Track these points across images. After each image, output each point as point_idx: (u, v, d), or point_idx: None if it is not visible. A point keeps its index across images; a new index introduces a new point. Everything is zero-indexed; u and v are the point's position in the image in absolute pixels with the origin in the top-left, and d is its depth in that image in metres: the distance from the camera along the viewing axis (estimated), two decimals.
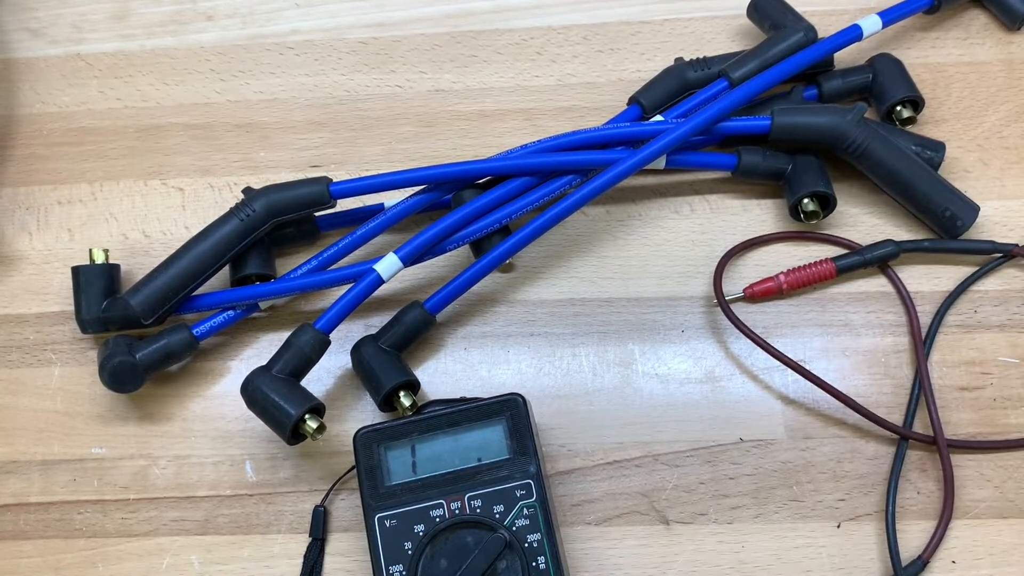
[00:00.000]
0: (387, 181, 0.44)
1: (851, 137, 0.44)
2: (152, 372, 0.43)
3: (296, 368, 0.41)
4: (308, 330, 0.41)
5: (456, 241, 0.44)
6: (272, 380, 0.40)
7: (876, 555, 0.41)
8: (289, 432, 0.40)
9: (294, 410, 0.39)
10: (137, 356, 0.42)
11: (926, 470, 0.42)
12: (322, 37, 0.52)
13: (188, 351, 0.43)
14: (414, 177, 0.44)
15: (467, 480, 0.38)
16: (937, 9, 0.50)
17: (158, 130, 0.51)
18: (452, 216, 0.44)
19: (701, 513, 0.42)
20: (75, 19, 0.54)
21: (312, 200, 0.43)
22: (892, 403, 0.44)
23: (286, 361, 0.41)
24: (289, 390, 0.40)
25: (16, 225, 0.49)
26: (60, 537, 0.43)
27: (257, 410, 0.41)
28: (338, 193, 0.43)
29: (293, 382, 0.41)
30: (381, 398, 0.42)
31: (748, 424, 0.43)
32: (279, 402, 0.40)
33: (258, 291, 0.44)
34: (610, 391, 0.44)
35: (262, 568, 0.42)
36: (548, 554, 0.37)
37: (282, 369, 0.41)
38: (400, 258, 0.43)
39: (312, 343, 0.41)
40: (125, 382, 0.42)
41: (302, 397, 0.40)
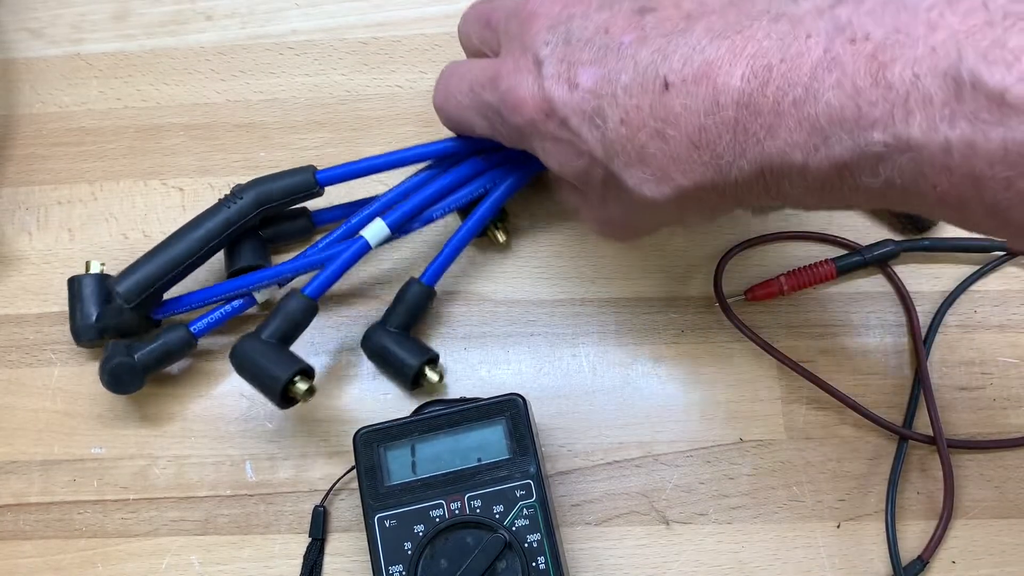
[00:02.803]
0: (372, 164, 0.44)
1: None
2: (152, 372, 0.43)
3: (285, 333, 0.41)
4: (296, 295, 0.41)
5: (443, 208, 0.44)
6: (261, 344, 0.41)
7: (876, 555, 0.41)
8: (279, 395, 0.40)
9: (283, 373, 0.40)
10: (136, 357, 0.42)
11: (926, 470, 0.42)
12: (322, 37, 0.52)
13: (186, 349, 0.43)
14: (400, 158, 0.44)
15: (467, 480, 0.38)
16: None
17: (158, 130, 0.51)
18: (438, 182, 0.44)
19: (701, 513, 0.42)
20: (75, 19, 0.54)
21: (299, 188, 0.43)
22: (892, 403, 0.44)
23: (275, 327, 0.41)
24: (278, 354, 0.41)
25: (16, 225, 0.49)
26: (60, 537, 0.43)
27: (246, 375, 0.41)
28: (325, 180, 0.43)
29: (282, 347, 0.41)
30: (410, 381, 0.43)
31: (748, 424, 0.43)
32: (268, 366, 0.40)
33: (249, 279, 0.44)
34: (610, 391, 0.44)
35: (262, 568, 0.42)
36: (548, 554, 0.37)
37: (271, 335, 0.41)
38: (388, 224, 0.43)
39: (301, 308, 0.41)
40: (125, 382, 0.42)
41: (291, 360, 0.40)
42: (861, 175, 0.30)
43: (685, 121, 0.32)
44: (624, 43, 0.34)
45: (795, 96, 0.30)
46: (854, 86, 0.28)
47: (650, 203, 0.35)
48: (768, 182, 0.32)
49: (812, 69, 0.29)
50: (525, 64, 0.36)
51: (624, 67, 0.34)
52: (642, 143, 0.33)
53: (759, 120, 0.31)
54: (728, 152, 0.32)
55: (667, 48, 0.33)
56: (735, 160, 0.32)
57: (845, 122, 0.29)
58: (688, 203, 0.35)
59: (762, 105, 0.30)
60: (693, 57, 0.32)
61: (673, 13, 0.34)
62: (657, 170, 0.34)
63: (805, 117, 0.30)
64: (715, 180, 0.33)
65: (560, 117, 0.35)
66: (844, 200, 0.32)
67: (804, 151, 0.30)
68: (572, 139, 0.35)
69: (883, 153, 0.28)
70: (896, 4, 0.29)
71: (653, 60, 0.33)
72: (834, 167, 0.30)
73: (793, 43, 0.30)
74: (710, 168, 0.33)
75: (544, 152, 0.37)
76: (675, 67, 0.32)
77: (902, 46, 0.28)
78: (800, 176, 0.31)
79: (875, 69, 0.28)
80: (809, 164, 0.30)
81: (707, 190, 0.33)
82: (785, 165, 0.31)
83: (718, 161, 0.32)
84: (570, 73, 0.35)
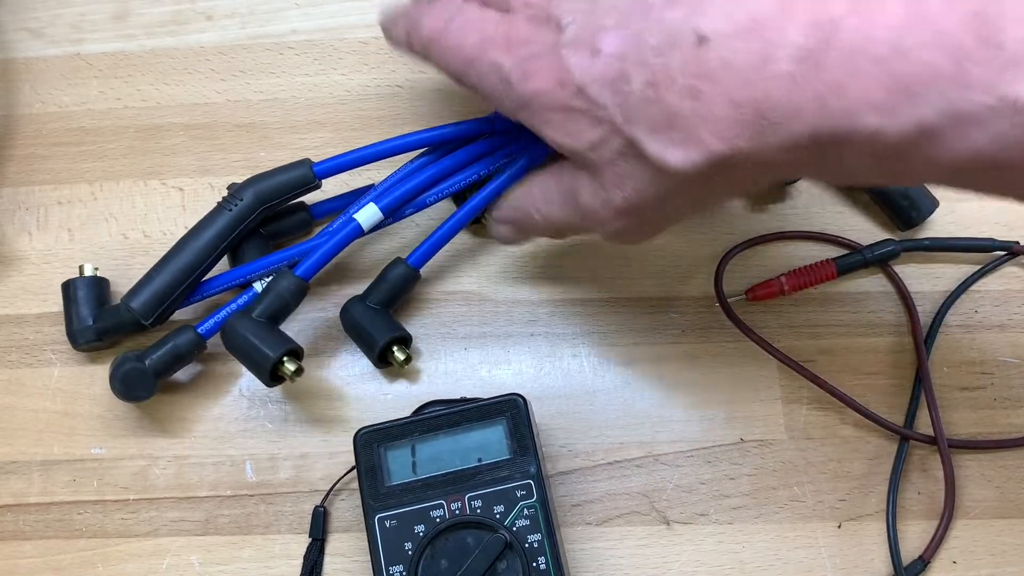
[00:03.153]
0: (369, 153, 0.44)
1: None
2: (163, 376, 0.43)
3: (275, 312, 0.41)
4: (287, 275, 0.42)
5: (436, 193, 0.44)
6: (252, 323, 0.41)
7: (877, 555, 0.41)
8: (268, 374, 0.40)
9: (272, 352, 0.40)
10: (146, 363, 0.42)
11: (927, 470, 0.42)
12: (322, 37, 0.52)
13: (196, 351, 0.43)
14: (396, 146, 0.44)
15: (467, 480, 0.38)
16: None
17: (158, 130, 0.51)
18: (433, 168, 0.44)
19: (702, 513, 0.42)
20: (75, 19, 0.53)
21: (297, 182, 0.43)
22: (893, 403, 0.44)
23: (266, 306, 0.41)
24: (268, 333, 0.41)
25: (16, 225, 0.49)
26: (60, 537, 0.43)
27: (237, 352, 0.41)
28: (322, 172, 0.44)
29: (272, 325, 0.41)
30: (376, 354, 0.43)
31: (749, 424, 0.43)
32: (258, 344, 0.40)
33: (248, 269, 0.44)
34: (610, 391, 0.44)
35: (262, 568, 0.42)
36: (548, 554, 0.37)
37: (262, 313, 0.41)
38: (380, 208, 0.43)
39: (291, 289, 0.42)
40: (137, 388, 0.42)
41: (281, 339, 0.41)
42: (947, 140, 0.27)
43: (724, 77, 0.30)
44: (653, 4, 0.32)
45: (875, 53, 0.27)
46: (955, 44, 0.26)
47: (673, 174, 0.32)
48: (823, 149, 0.30)
49: (897, 24, 0.27)
50: (544, 31, 0.35)
51: (651, 27, 0.31)
52: (670, 103, 0.31)
53: (822, 76, 0.28)
54: (777, 112, 0.29)
55: (702, 5, 0.31)
56: (785, 122, 0.29)
57: (939, 81, 0.27)
58: (717, 174, 0.32)
59: (826, 60, 0.28)
60: (733, 12, 0.30)
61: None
62: (686, 133, 0.31)
63: (887, 75, 0.27)
64: (755, 145, 0.30)
65: (577, 85, 0.33)
66: (911, 172, 0.30)
67: (881, 112, 0.28)
68: (588, 107, 0.33)
69: (982, 116, 0.26)
70: None
71: (686, 17, 0.31)
72: (916, 131, 0.28)
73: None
74: (750, 129, 0.30)
75: (549, 124, 0.35)
76: (712, 21, 0.30)
77: (1006, 3, 0.26)
78: (868, 142, 0.29)
79: (980, 29, 0.26)
80: (885, 127, 0.28)
81: (742, 157, 0.31)
82: (852, 128, 0.28)
83: (762, 122, 0.30)
84: (592, 39, 0.33)
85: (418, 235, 0.47)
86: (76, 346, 0.45)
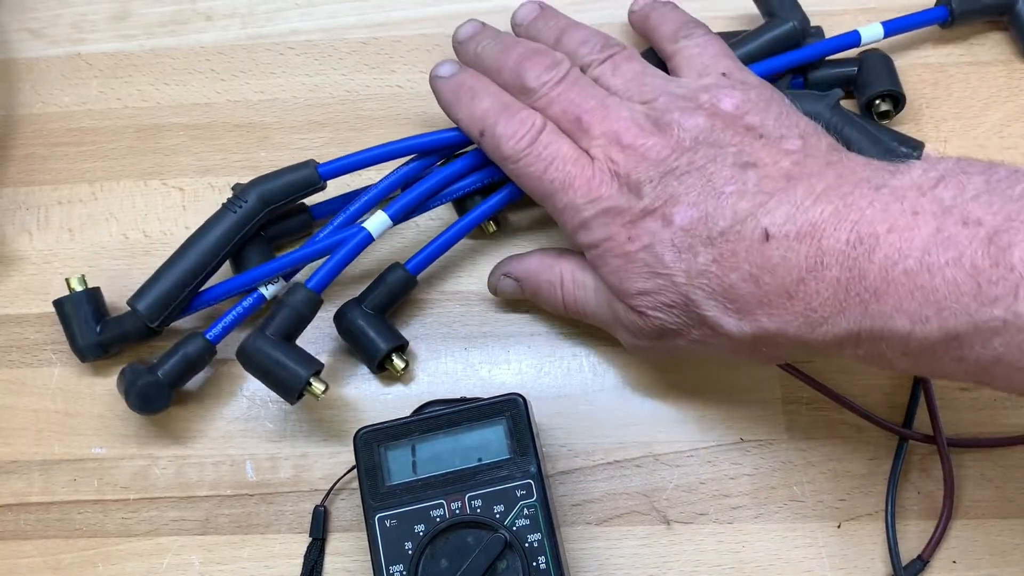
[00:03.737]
0: (374, 155, 0.44)
1: (825, 121, 0.44)
2: (177, 386, 0.43)
3: (290, 329, 0.41)
4: (300, 289, 0.41)
5: (443, 198, 0.45)
6: (272, 343, 0.41)
7: (876, 555, 0.41)
8: (296, 395, 0.41)
9: (305, 372, 0.40)
10: (159, 374, 0.42)
11: (926, 470, 0.42)
12: (322, 37, 0.52)
13: (207, 358, 0.43)
14: (400, 148, 0.44)
15: (467, 480, 0.38)
16: (951, 25, 0.49)
17: (158, 130, 0.51)
18: (440, 173, 0.44)
19: (702, 513, 0.42)
20: (75, 19, 0.54)
21: (302, 184, 0.43)
22: (892, 403, 0.44)
23: (280, 322, 0.41)
24: (291, 352, 0.41)
25: (16, 225, 0.49)
26: (60, 537, 0.43)
27: (259, 374, 0.41)
28: (327, 173, 0.44)
29: (292, 344, 0.41)
30: (376, 364, 0.43)
31: (749, 424, 0.43)
32: (285, 364, 0.40)
33: (255, 274, 0.43)
34: (610, 391, 0.44)
35: (262, 568, 0.42)
36: (549, 554, 0.37)
37: (276, 331, 0.41)
38: (390, 216, 0.43)
39: (305, 302, 0.41)
40: (153, 401, 0.42)
41: (306, 359, 0.41)
42: (971, 346, 0.31)
43: (783, 272, 0.34)
44: (726, 192, 0.36)
45: (907, 267, 0.31)
46: (973, 265, 0.30)
47: (723, 334, 0.36)
48: (861, 341, 0.33)
49: (925, 244, 0.31)
50: (627, 192, 0.38)
51: (723, 214, 0.36)
52: (732, 282, 0.35)
53: (864, 283, 0.32)
54: (824, 308, 0.34)
55: (768, 203, 0.35)
56: (830, 316, 0.33)
57: (963, 297, 0.30)
58: (762, 344, 0.36)
59: (868, 270, 0.32)
60: (796, 216, 0.34)
61: (774, 171, 0.36)
62: (743, 307, 0.35)
63: (918, 287, 0.31)
64: (801, 331, 0.34)
65: (644, 244, 0.37)
66: (941, 368, 0.33)
67: (913, 319, 0.32)
68: (651, 262, 0.37)
69: (999, 328, 0.30)
70: (998, 193, 0.31)
71: (753, 212, 0.35)
72: (944, 336, 0.31)
73: (900, 217, 0.32)
74: (800, 319, 0.34)
75: (608, 265, 0.39)
76: (777, 221, 0.35)
77: (1016, 232, 0.30)
78: (902, 342, 0.32)
79: (994, 252, 0.30)
80: (915, 332, 0.32)
81: (789, 337, 0.35)
82: (887, 329, 0.32)
83: (811, 314, 0.34)
84: (667, 209, 0.37)
85: (418, 235, 0.47)
86: (84, 360, 0.45)
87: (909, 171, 0.34)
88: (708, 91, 0.40)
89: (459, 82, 0.43)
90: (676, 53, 0.44)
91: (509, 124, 0.41)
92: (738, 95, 0.40)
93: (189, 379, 0.43)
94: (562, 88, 0.41)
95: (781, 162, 0.37)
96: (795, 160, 0.37)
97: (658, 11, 0.46)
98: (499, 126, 0.41)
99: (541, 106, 0.41)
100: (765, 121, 0.39)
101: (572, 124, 0.40)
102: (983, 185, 0.32)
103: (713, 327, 0.37)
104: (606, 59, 0.43)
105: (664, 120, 0.39)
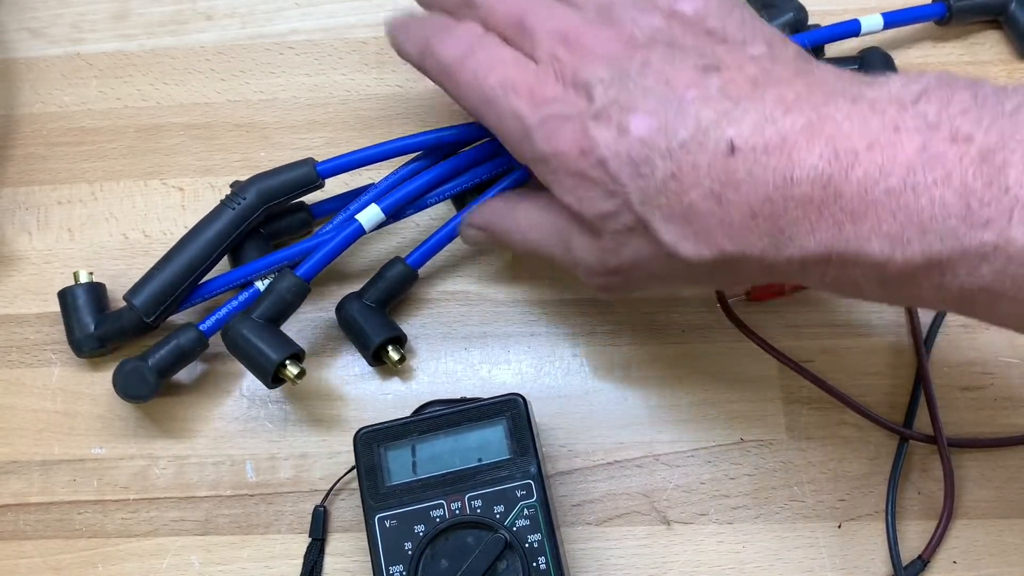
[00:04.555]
0: (373, 154, 0.44)
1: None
2: (166, 377, 0.43)
3: (276, 314, 0.42)
4: (288, 276, 0.42)
5: (438, 195, 0.44)
6: (253, 325, 0.41)
7: (877, 555, 0.41)
8: (270, 377, 0.41)
9: (275, 355, 0.40)
10: (149, 362, 0.42)
11: (926, 470, 0.42)
12: (322, 37, 0.52)
13: (199, 350, 0.43)
14: (399, 147, 0.44)
15: (467, 480, 0.38)
16: (948, 22, 0.49)
17: (158, 130, 0.51)
18: (435, 170, 0.44)
19: (702, 513, 0.42)
20: (75, 19, 0.54)
21: (301, 181, 0.43)
22: (893, 403, 0.44)
23: (267, 306, 0.41)
24: (271, 335, 0.41)
25: (16, 225, 0.49)
26: (60, 537, 0.43)
27: (238, 354, 0.41)
28: (325, 172, 0.44)
29: (274, 328, 0.42)
30: (371, 353, 0.44)
31: (749, 424, 0.43)
32: (260, 347, 0.40)
33: (250, 268, 0.44)
34: (610, 391, 0.44)
35: (262, 568, 0.42)
36: (548, 554, 0.37)
37: (262, 314, 0.41)
38: (382, 209, 0.43)
39: (293, 289, 0.42)
40: (139, 387, 0.42)
41: (284, 343, 0.41)
42: (955, 273, 0.29)
43: (748, 188, 0.31)
44: (687, 98, 0.33)
45: (888, 186, 0.29)
46: (964, 185, 0.28)
47: (681, 260, 0.34)
48: (830, 265, 0.31)
49: (908, 162, 0.29)
50: (572, 94, 0.35)
51: (684, 122, 0.33)
52: (691, 201, 0.32)
53: (840, 203, 0.30)
54: (793, 228, 0.31)
55: (734, 111, 0.32)
56: (798, 238, 0.31)
57: (950, 219, 0.28)
58: (722, 268, 0.34)
59: (844, 189, 0.30)
60: (765, 127, 0.31)
61: (738, 76, 0.33)
62: (702, 229, 0.33)
63: (900, 208, 0.29)
64: (766, 253, 0.32)
65: (599, 157, 0.34)
66: (918, 296, 0.31)
67: (894, 243, 0.29)
68: (606, 181, 0.34)
69: (989, 254, 0.28)
70: (988, 109, 0.29)
71: (717, 121, 0.32)
72: (927, 262, 0.29)
73: (881, 132, 0.30)
74: (765, 239, 0.32)
75: (562, 185, 0.36)
76: (744, 132, 0.32)
77: (1011, 151, 0.28)
78: (878, 267, 0.30)
79: (987, 171, 0.28)
80: (895, 256, 0.30)
81: (752, 260, 0.33)
82: (863, 253, 0.30)
83: (778, 235, 0.31)
84: (621, 116, 0.34)
85: (418, 234, 0.47)
86: (80, 355, 0.45)
87: (888, 83, 0.31)
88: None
89: (405, 19, 0.42)
90: None
91: (447, 36, 0.39)
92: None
93: (179, 369, 0.43)
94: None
95: (746, 67, 0.34)
96: (762, 66, 0.34)
97: None
98: (435, 39, 0.39)
99: (483, 16, 0.39)
100: (727, 26, 0.36)
101: (515, 29, 0.38)
102: (970, 100, 0.30)
103: (670, 252, 0.34)
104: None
105: (615, 15, 0.36)
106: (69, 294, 0.44)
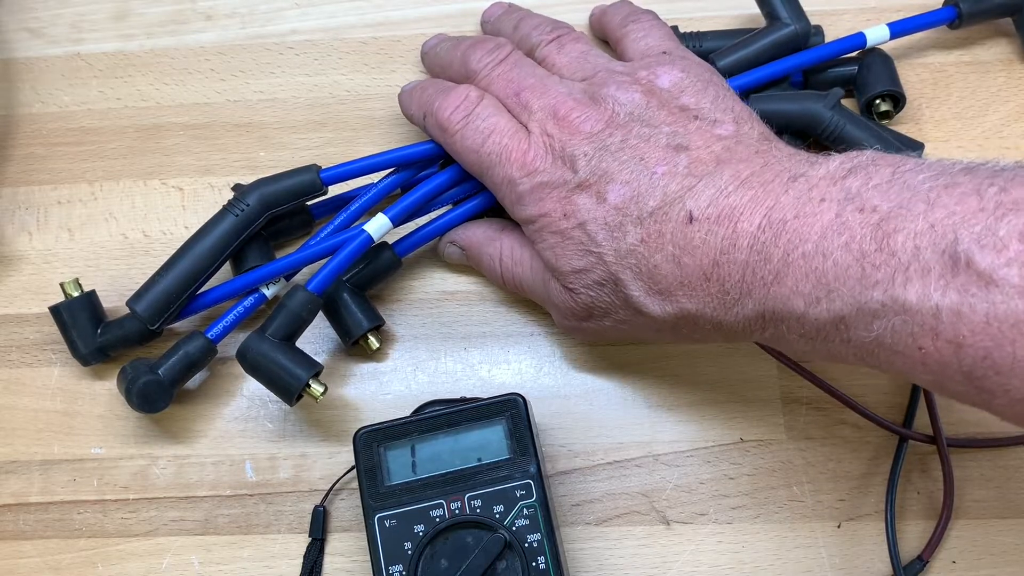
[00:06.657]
0: (376, 162, 0.44)
1: (826, 121, 0.44)
2: (178, 386, 0.43)
3: (290, 331, 0.41)
4: (300, 291, 0.41)
5: (444, 201, 0.45)
6: (272, 345, 0.41)
7: (876, 555, 0.41)
8: (295, 396, 0.41)
9: (303, 374, 0.40)
10: (160, 373, 0.42)
11: (926, 470, 0.42)
12: (322, 37, 0.52)
13: (208, 357, 0.43)
14: (403, 156, 0.44)
15: (467, 480, 0.38)
16: (959, 26, 0.48)
17: (158, 130, 0.51)
18: (441, 176, 0.44)
19: (701, 513, 0.42)
20: (75, 19, 0.54)
21: (304, 188, 0.43)
22: (892, 403, 0.44)
23: (280, 324, 0.41)
24: (291, 355, 0.41)
25: (16, 225, 0.49)
26: (60, 537, 0.43)
27: (259, 376, 0.41)
28: (329, 179, 0.44)
29: (291, 346, 0.41)
30: (352, 342, 0.44)
31: (748, 424, 0.43)
32: (287, 366, 0.41)
33: (256, 275, 0.44)
34: (610, 391, 0.44)
35: (262, 568, 0.42)
36: (548, 554, 0.37)
37: (276, 332, 0.41)
38: (390, 218, 0.43)
39: (305, 304, 0.41)
40: (155, 401, 0.42)
41: (305, 362, 0.41)
42: (856, 329, 0.32)
43: (702, 253, 0.35)
44: (657, 172, 0.37)
45: (805, 250, 0.33)
46: (860, 249, 0.31)
47: (647, 315, 0.38)
48: (766, 323, 0.35)
49: (823, 229, 0.32)
50: (560, 167, 0.39)
51: (653, 194, 0.37)
52: (656, 263, 0.37)
53: (768, 266, 0.34)
54: (735, 289, 0.35)
55: (696, 186, 0.36)
56: (740, 298, 0.35)
57: (849, 280, 0.31)
58: (685, 323, 0.37)
59: (772, 253, 0.33)
60: (719, 199, 0.35)
61: (705, 155, 0.37)
62: (664, 289, 0.37)
63: (812, 270, 0.32)
64: (717, 313, 0.36)
65: (579, 220, 0.38)
66: (833, 351, 0.34)
67: (807, 300, 0.33)
68: (584, 241, 0.38)
69: (879, 311, 0.31)
70: (899, 183, 0.32)
71: (681, 195, 0.36)
72: (833, 318, 0.32)
73: (808, 204, 0.33)
74: (715, 300, 0.36)
75: (544, 242, 0.40)
76: (701, 204, 0.36)
77: (904, 219, 0.31)
78: (798, 323, 0.34)
79: (880, 237, 0.31)
80: (809, 313, 0.33)
81: (707, 319, 0.36)
82: (786, 311, 0.33)
83: (724, 296, 0.35)
84: (600, 186, 0.38)
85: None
86: (86, 366, 0.45)
87: (827, 162, 0.35)
88: (648, 68, 0.41)
89: (413, 85, 0.46)
90: (623, 37, 0.45)
91: (447, 99, 0.42)
92: (676, 72, 0.40)
93: (190, 378, 0.43)
94: (503, 68, 0.43)
95: (713, 146, 0.38)
96: (726, 146, 0.38)
97: (611, 6, 0.48)
98: (437, 102, 0.42)
99: (483, 85, 0.43)
100: (701, 103, 0.39)
101: (512, 100, 0.42)
102: (888, 175, 0.33)
103: (637, 307, 0.38)
104: (553, 39, 0.44)
105: (600, 94, 0.40)
106: (63, 310, 0.44)
